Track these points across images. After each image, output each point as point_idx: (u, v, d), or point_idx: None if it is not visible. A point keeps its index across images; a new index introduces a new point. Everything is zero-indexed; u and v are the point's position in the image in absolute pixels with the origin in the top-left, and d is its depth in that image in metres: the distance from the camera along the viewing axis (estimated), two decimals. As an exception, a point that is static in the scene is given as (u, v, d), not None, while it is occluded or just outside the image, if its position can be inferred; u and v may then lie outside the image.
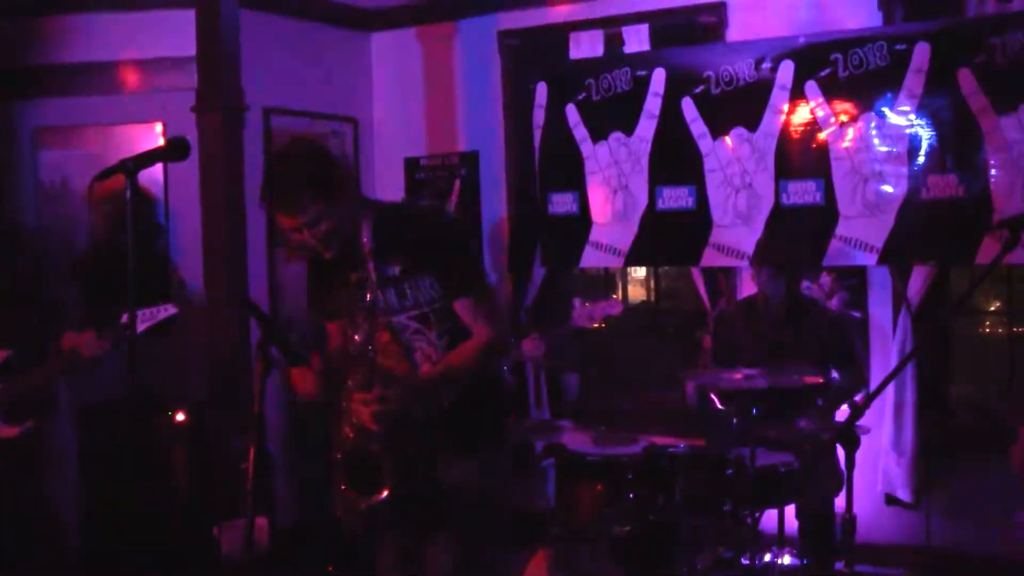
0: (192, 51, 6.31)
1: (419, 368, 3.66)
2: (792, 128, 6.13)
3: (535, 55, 7.26)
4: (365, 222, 3.60)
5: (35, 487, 4.69)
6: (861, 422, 3.58)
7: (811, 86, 6.05)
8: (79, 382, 4.95)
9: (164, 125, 6.73)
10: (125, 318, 4.38)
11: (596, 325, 5.96)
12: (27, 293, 4.72)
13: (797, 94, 6.10)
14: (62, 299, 4.80)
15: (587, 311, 5.96)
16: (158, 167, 6.55)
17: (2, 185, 6.87)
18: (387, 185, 7.72)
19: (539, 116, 7.02)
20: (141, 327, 4.50)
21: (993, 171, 5.59)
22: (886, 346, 6.14)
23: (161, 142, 4.31)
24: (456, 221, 3.81)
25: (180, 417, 6.32)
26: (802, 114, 6.10)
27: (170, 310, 4.50)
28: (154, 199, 6.79)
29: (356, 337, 3.54)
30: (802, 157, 6.11)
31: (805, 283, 6.19)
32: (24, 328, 4.63)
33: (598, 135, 6.80)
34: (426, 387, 3.63)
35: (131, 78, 6.86)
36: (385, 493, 3.47)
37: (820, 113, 6.04)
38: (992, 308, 7.03)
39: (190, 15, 6.25)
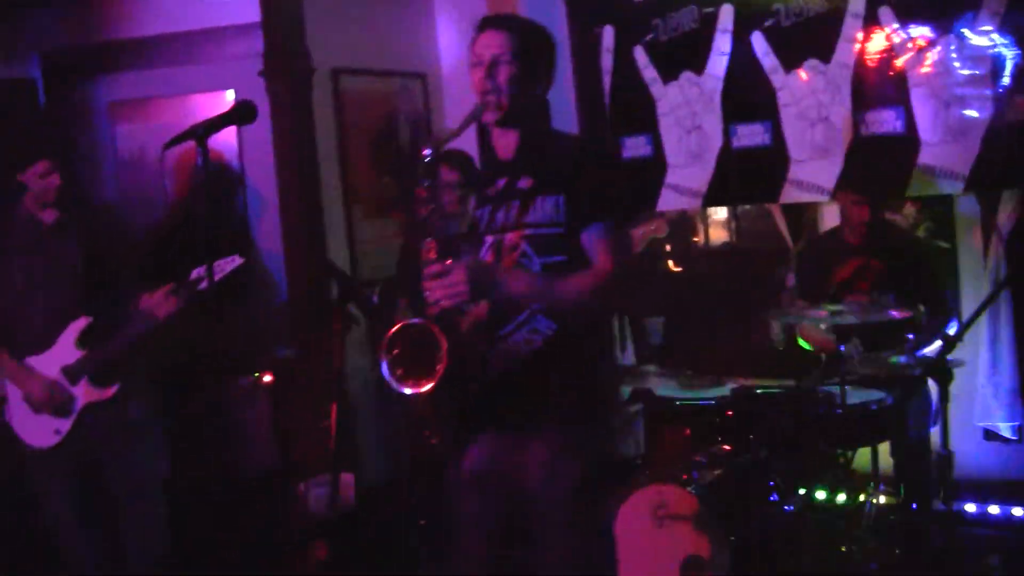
0: (258, 17, 6.31)
1: None
2: (867, 57, 5.97)
3: (599, -1, 7.17)
4: (514, 133, 3.57)
5: (121, 451, 4.80)
6: (955, 356, 3.49)
7: (885, 11, 5.87)
8: (163, 345, 5.00)
9: (235, 92, 6.76)
10: (194, 274, 4.50)
11: (640, 248, 5.78)
12: (106, 262, 4.79)
13: (871, 21, 5.93)
14: (140, 265, 4.87)
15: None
16: (232, 133, 6.60)
17: (82, 159, 6.99)
18: (459, 139, 7.65)
19: (607, 60, 6.94)
20: (208, 282, 4.55)
21: (1084, 87, 5.41)
22: (977, 276, 6.00)
23: (233, 109, 4.34)
24: (606, 149, 3.62)
25: (267, 378, 6.40)
26: (877, 41, 5.93)
27: (236, 260, 4.53)
28: (227, 165, 6.84)
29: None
30: (879, 86, 5.94)
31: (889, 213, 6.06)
32: (103, 296, 4.73)
33: (668, 76, 6.70)
34: (505, 279, 3.40)
35: (200, 48, 6.90)
36: (428, 387, 3.27)
37: (896, 39, 5.87)
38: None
39: (255, -20, 6.27)
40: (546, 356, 3.48)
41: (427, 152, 3.41)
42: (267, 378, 6.43)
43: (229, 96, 6.82)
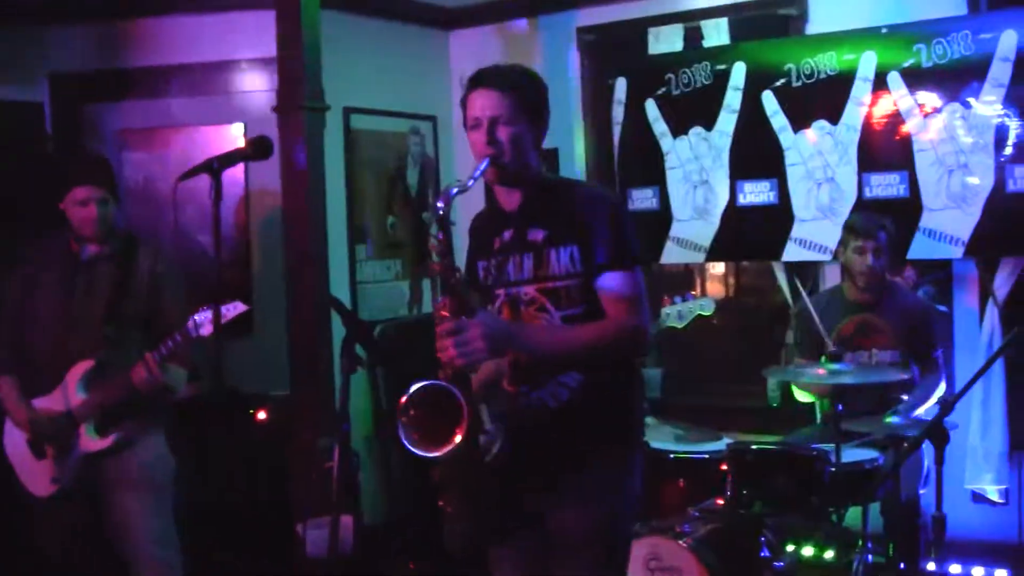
0: (273, 52, 6.36)
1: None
2: (875, 120, 6.05)
3: (614, 51, 7.24)
4: (519, 187, 3.48)
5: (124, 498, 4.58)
6: (948, 417, 3.52)
7: (894, 77, 5.97)
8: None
9: (245, 126, 6.80)
10: (197, 316, 4.28)
11: (684, 325, 5.81)
12: (128, 304, 4.57)
13: (880, 86, 6.02)
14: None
15: (676, 311, 5.83)
16: (239, 167, 6.62)
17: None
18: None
19: (618, 112, 7.01)
20: (212, 328, 4.26)
21: (1084, 161, 5.47)
22: (973, 340, 6.03)
23: (242, 143, 4.31)
24: (617, 196, 3.42)
25: (261, 415, 6.37)
26: (885, 106, 6.02)
27: (239, 307, 4.36)
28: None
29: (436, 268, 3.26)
30: (885, 149, 6.03)
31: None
32: (117, 342, 4.53)
33: (678, 130, 6.77)
34: (524, 335, 3.32)
35: (212, 80, 6.95)
36: (457, 439, 3.10)
37: (903, 105, 5.95)
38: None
39: (270, 16, 6.30)
40: (573, 410, 3.40)
41: (441, 204, 3.26)
42: (261, 415, 6.38)
43: (237, 130, 6.86)
